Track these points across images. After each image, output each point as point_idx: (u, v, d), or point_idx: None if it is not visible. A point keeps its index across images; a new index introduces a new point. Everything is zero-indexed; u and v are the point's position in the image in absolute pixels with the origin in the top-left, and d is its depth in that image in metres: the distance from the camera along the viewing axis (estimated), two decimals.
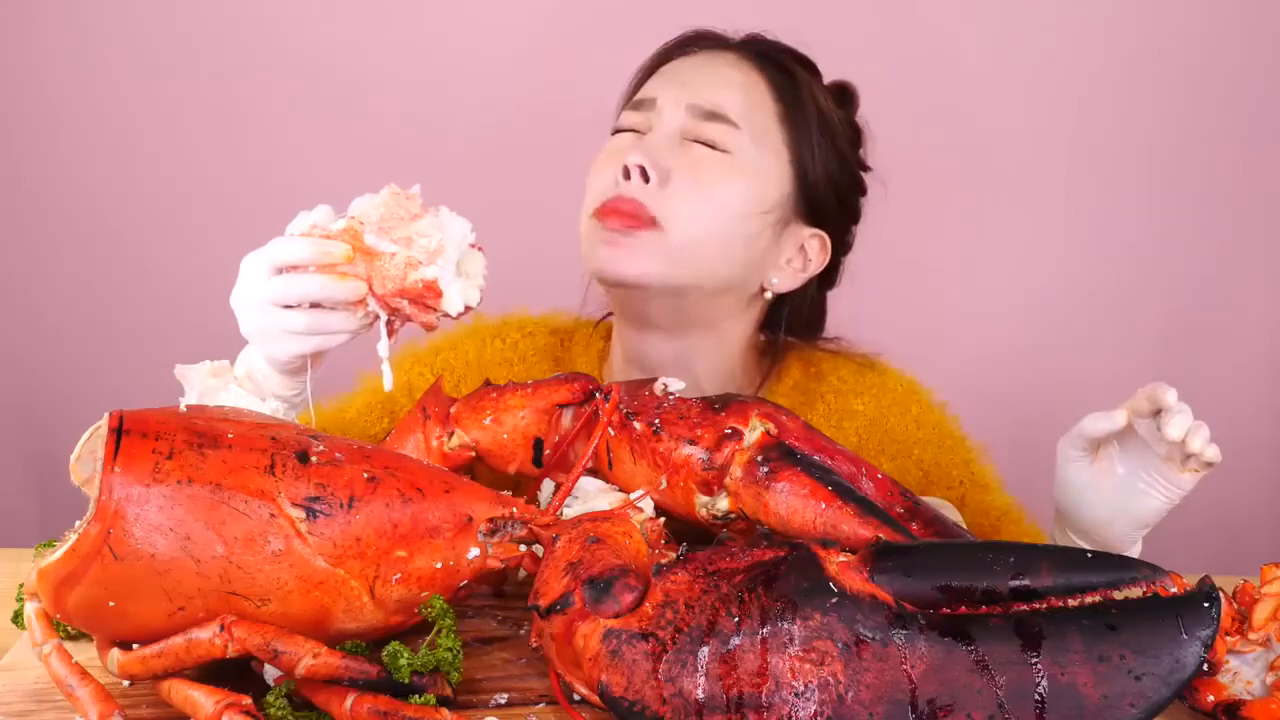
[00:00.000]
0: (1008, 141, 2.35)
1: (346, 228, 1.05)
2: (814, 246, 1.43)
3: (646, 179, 1.31)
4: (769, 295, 1.42)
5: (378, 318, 1.08)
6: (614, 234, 1.31)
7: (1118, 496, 1.13)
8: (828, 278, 1.49)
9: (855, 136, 1.47)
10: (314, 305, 1.07)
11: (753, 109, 1.37)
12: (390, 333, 1.09)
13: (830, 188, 1.42)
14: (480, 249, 1.10)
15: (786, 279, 1.42)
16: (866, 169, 1.48)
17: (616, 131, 1.41)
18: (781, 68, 1.41)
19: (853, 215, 1.47)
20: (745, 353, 1.47)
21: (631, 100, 1.42)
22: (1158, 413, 1.06)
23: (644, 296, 1.35)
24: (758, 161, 1.36)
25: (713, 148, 1.34)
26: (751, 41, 1.45)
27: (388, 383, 1.11)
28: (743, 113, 1.36)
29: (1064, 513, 1.18)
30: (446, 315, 1.08)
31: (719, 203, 1.34)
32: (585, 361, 1.51)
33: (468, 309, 1.08)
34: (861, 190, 1.48)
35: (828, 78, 1.47)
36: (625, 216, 1.31)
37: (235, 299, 1.11)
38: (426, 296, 1.05)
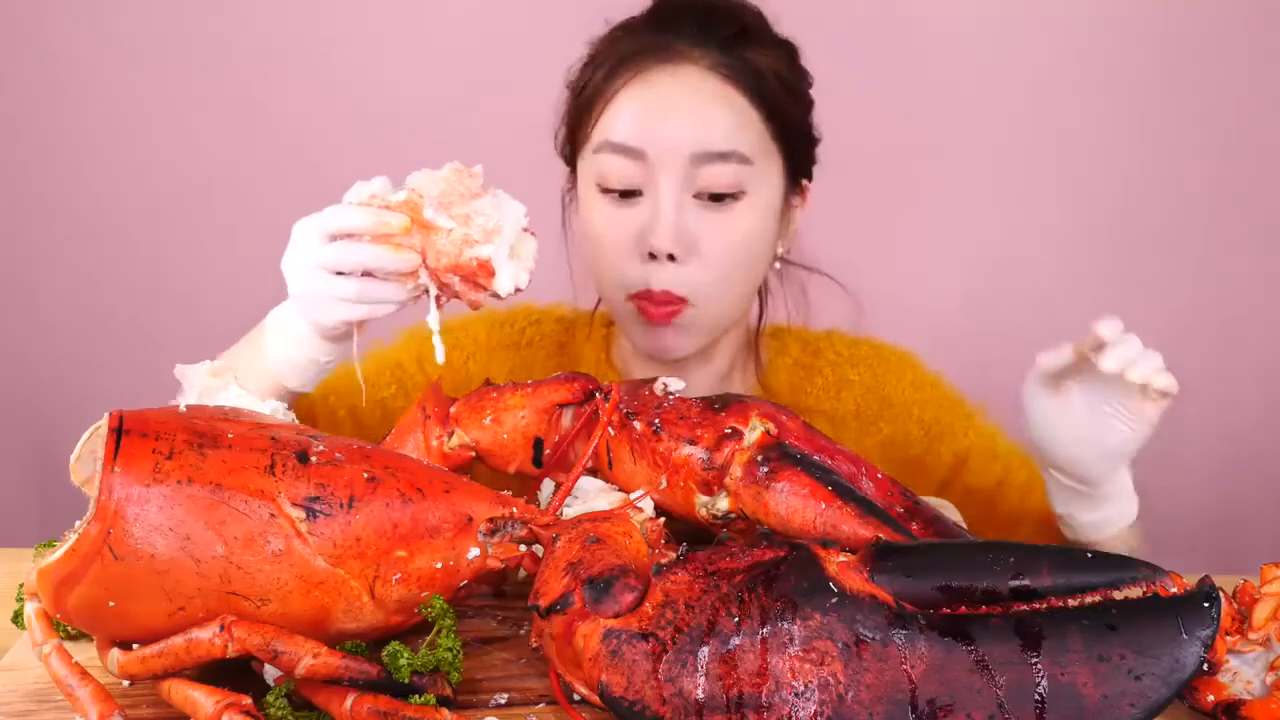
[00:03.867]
0: (1007, 136, 2.35)
1: (406, 200, 1.06)
2: (797, 197, 1.43)
3: (673, 259, 1.29)
4: (776, 266, 1.44)
5: (426, 291, 1.09)
6: (658, 326, 1.33)
7: (1083, 427, 1.14)
8: None
9: (797, 63, 1.40)
10: (365, 274, 1.07)
11: (747, 129, 1.32)
12: (438, 307, 1.10)
13: (808, 143, 1.41)
14: (533, 234, 1.10)
15: (788, 240, 1.44)
16: (811, 84, 1.42)
17: (607, 190, 1.32)
18: (744, 62, 1.34)
19: (815, 140, 1.43)
20: (749, 333, 1.50)
21: (612, 143, 1.31)
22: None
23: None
24: (766, 181, 1.34)
25: (727, 194, 1.30)
26: (703, 32, 1.34)
27: (440, 355, 1.12)
28: (745, 142, 1.31)
29: (1038, 449, 1.19)
30: (495, 295, 1.09)
31: (747, 250, 1.33)
32: (591, 348, 1.52)
33: (516, 290, 1.09)
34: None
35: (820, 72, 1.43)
36: (664, 306, 1.31)
37: (286, 263, 1.11)
38: (479, 275, 1.06)
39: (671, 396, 1.08)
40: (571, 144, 1.41)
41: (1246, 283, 2.38)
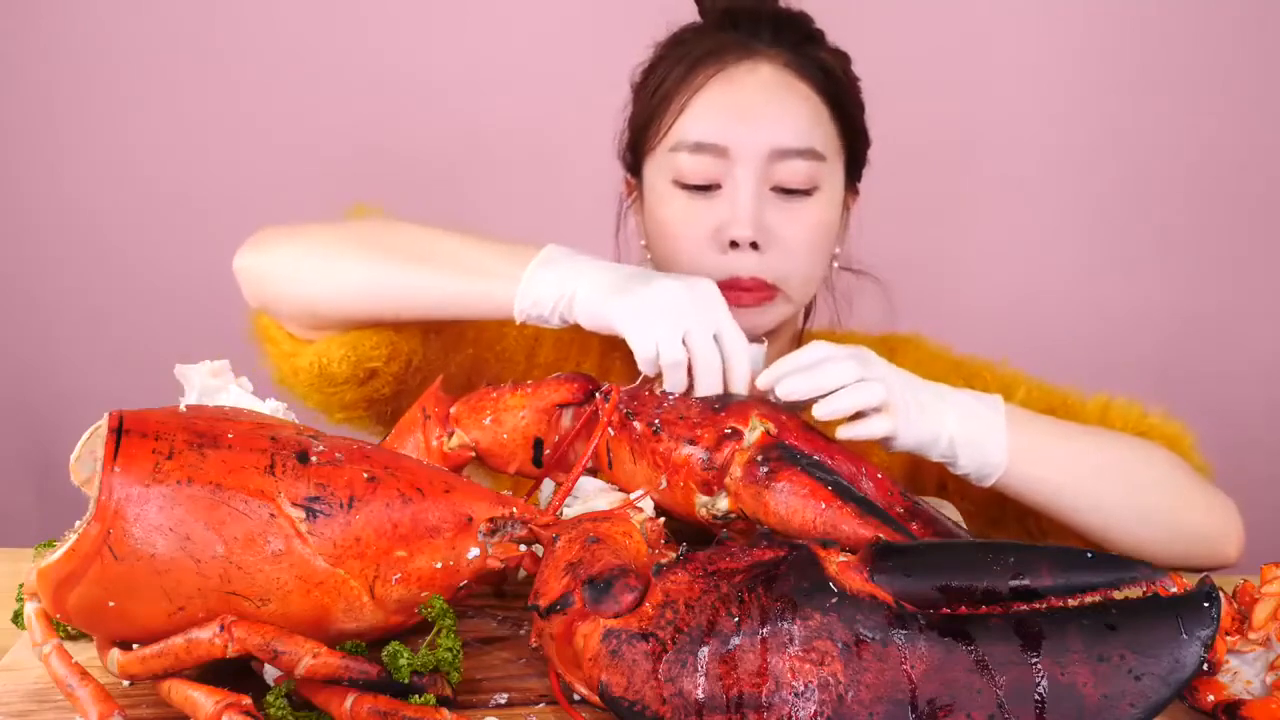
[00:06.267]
0: (1014, 144, 2.35)
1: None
2: (850, 198, 1.45)
3: (755, 247, 1.31)
4: (835, 265, 1.45)
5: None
6: (746, 309, 1.33)
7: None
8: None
9: (851, 68, 1.43)
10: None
11: (821, 126, 1.35)
12: None
13: (864, 144, 1.43)
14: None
15: (843, 241, 1.46)
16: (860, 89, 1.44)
17: (685, 185, 1.33)
18: (817, 62, 1.37)
19: (869, 142, 1.46)
20: (795, 333, 1.50)
21: (695, 140, 1.32)
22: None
23: None
24: (834, 177, 1.37)
25: (801, 189, 1.32)
26: (776, 35, 1.37)
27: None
28: (819, 138, 1.34)
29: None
30: None
31: (821, 243, 1.36)
32: None
33: None
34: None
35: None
36: (750, 293, 1.32)
37: (670, 285, 1.13)
38: None
39: (671, 397, 1.09)
40: (639, 145, 1.41)
41: (1250, 284, 2.38)
